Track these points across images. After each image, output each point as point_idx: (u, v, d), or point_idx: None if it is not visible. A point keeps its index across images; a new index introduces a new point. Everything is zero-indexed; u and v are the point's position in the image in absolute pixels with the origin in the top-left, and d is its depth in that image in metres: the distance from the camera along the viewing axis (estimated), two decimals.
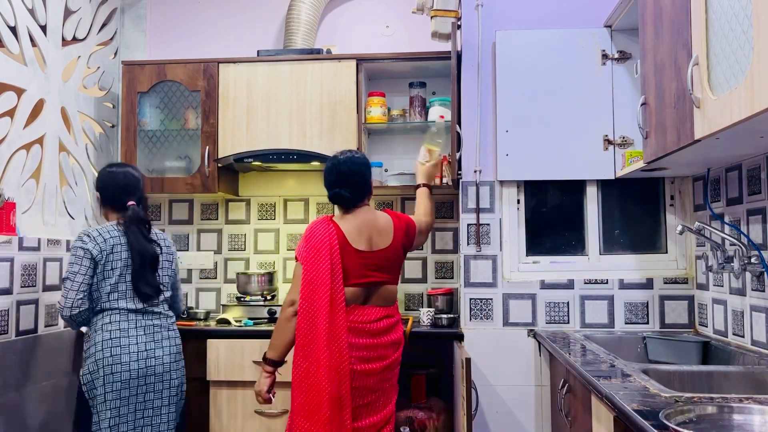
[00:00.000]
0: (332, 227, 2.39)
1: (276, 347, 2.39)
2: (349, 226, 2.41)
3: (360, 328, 2.35)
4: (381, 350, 2.38)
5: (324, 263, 2.32)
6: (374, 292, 2.42)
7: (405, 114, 3.33)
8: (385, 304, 2.44)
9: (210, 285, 3.61)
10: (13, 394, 2.62)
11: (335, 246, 2.35)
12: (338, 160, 2.47)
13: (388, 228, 2.47)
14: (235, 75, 3.27)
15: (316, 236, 2.37)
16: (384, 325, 2.40)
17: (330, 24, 3.64)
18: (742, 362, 2.15)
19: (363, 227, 2.42)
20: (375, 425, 2.36)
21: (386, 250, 2.43)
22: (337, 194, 2.45)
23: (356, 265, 2.37)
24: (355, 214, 2.45)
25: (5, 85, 2.72)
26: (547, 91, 2.85)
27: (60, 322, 2.91)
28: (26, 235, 2.75)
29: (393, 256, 2.46)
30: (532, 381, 2.80)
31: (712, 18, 1.69)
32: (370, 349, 2.35)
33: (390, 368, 2.42)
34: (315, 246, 2.35)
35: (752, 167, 2.20)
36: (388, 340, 2.41)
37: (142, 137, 3.36)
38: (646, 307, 2.79)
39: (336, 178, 2.45)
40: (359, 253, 2.38)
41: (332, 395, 2.24)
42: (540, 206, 2.95)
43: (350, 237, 2.39)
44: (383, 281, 2.43)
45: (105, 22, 3.48)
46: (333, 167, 2.47)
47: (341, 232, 2.39)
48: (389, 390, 2.44)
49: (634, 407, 1.44)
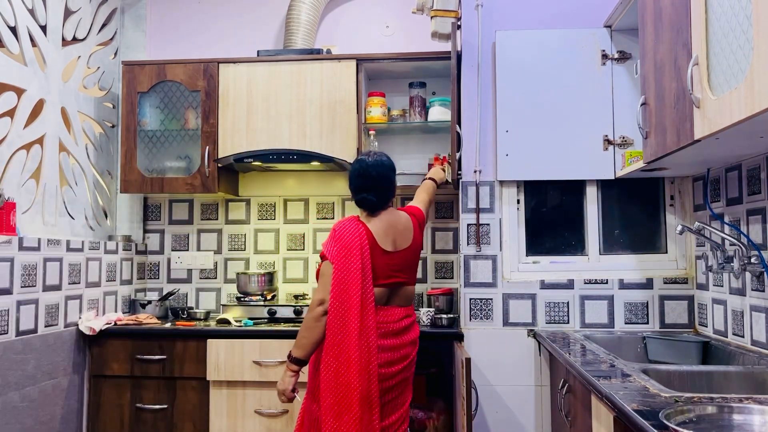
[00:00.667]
0: (362, 227, 2.39)
1: (303, 346, 2.35)
2: (376, 227, 2.41)
3: (385, 329, 2.36)
4: (403, 350, 2.41)
5: (355, 263, 2.31)
6: (396, 293, 2.44)
7: (405, 114, 3.33)
8: (405, 303, 2.47)
9: (210, 285, 3.61)
10: (13, 394, 2.62)
11: (366, 246, 2.35)
12: (366, 163, 2.46)
13: (409, 228, 2.49)
14: (235, 75, 3.27)
15: (347, 236, 2.35)
16: (405, 324, 2.44)
17: (330, 24, 3.64)
18: (742, 362, 2.15)
19: (388, 228, 2.44)
20: (395, 423, 2.39)
21: (408, 250, 2.46)
22: (363, 199, 2.45)
23: (383, 265, 2.38)
24: (380, 216, 2.46)
25: (5, 85, 2.72)
26: (547, 91, 2.85)
27: (60, 321, 2.91)
28: (26, 235, 2.75)
29: (414, 256, 2.50)
30: (532, 381, 2.80)
31: (712, 18, 1.69)
32: (394, 349, 2.38)
33: (408, 367, 2.44)
34: (346, 245, 2.33)
35: (752, 167, 2.20)
36: (408, 339, 2.44)
37: (142, 137, 3.36)
38: (646, 307, 2.79)
39: (363, 182, 2.44)
40: (386, 254, 2.40)
41: (362, 395, 2.24)
42: (540, 206, 2.95)
43: (378, 237, 2.40)
44: (405, 282, 2.46)
45: (105, 22, 3.48)
46: (361, 171, 2.45)
47: (370, 233, 2.39)
48: (406, 389, 2.46)
49: (634, 407, 1.44)
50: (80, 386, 3.05)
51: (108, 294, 3.29)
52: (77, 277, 3.03)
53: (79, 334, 3.03)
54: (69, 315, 2.97)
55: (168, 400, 3.01)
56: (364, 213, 2.49)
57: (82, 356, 3.06)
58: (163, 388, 3.01)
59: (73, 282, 3.00)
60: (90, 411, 3.07)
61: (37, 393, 2.75)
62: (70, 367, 2.97)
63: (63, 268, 2.93)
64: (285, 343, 2.90)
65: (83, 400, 3.07)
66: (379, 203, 2.46)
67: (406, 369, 2.42)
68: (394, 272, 2.42)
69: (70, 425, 2.97)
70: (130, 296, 3.49)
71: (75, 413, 3.01)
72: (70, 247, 2.98)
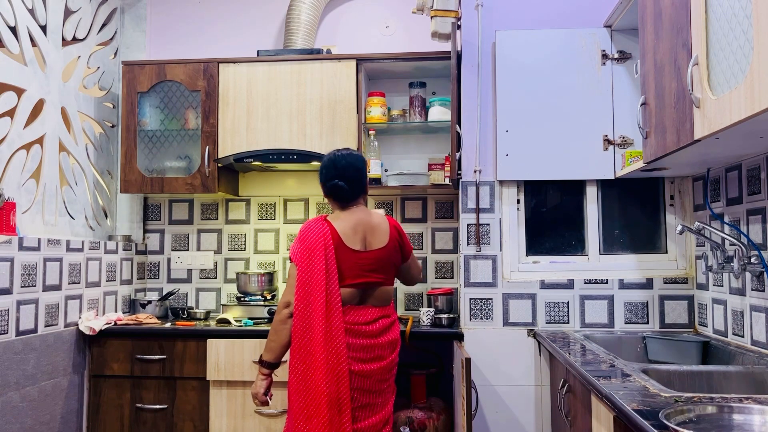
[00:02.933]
0: (326, 227, 2.36)
1: (272, 350, 2.37)
2: (343, 225, 2.38)
3: (356, 330, 2.33)
4: (378, 350, 2.36)
5: (319, 263, 2.29)
6: (370, 293, 2.40)
7: (405, 114, 3.33)
8: (380, 304, 2.42)
9: (210, 285, 3.61)
10: (13, 394, 2.62)
11: (330, 246, 2.32)
12: (336, 155, 2.45)
13: (383, 227, 2.44)
14: (235, 75, 3.27)
15: (311, 236, 2.33)
16: (380, 325, 2.39)
17: (330, 24, 3.65)
18: (742, 362, 2.15)
19: (358, 226, 2.39)
20: (374, 426, 2.35)
21: (382, 250, 2.41)
22: (334, 186, 2.41)
23: (352, 265, 2.35)
24: (351, 212, 2.42)
25: (5, 85, 2.72)
26: (547, 91, 2.85)
27: (60, 321, 2.91)
28: (26, 235, 2.75)
29: (388, 256, 2.43)
30: (532, 381, 2.80)
31: (712, 18, 1.69)
32: (367, 349, 2.34)
33: (388, 369, 2.40)
34: (309, 246, 2.32)
35: (752, 167, 2.20)
36: (385, 340, 2.39)
37: (142, 137, 3.36)
38: (646, 307, 2.79)
39: (334, 172, 2.41)
40: (355, 253, 2.36)
41: (331, 397, 2.23)
42: (540, 206, 2.95)
43: (345, 236, 2.36)
44: (379, 282, 2.41)
45: (105, 22, 3.48)
46: (330, 161, 2.44)
47: (336, 232, 2.35)
48: (387, 391, 2.42)
49: (634, 407, 1.44)
50: (80, 386, 3.05)
51: (108, 294, 3.29)
52: (77, 277, 3.03)
53: (79, 334, 3.03)
54: (69, 315, 2.97)
55: (168, 400, 3.01)
56: (334, 210, 2.46)
57: (82, 356, 3.06)
58: (163, 388, 3.01)
59: (73, 282, 3.00)
60: (90, 411, 3.07)
61: (37, 393, 2.75)
62: (70, 367, 2.97)
63: (63, 268, 2.93)
64: None
65: (83, 400, 3.07)
66: (351, 193, 2.42)
67: (385, 371, 2.38)
68: (365, 272, 2.36)
69: (70, 425, 2.97)
70: (130, 296, 3.49)
71: (75, 413, 3.01)
72: (70, 247, 2.99)
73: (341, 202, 2.44)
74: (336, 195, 2.43)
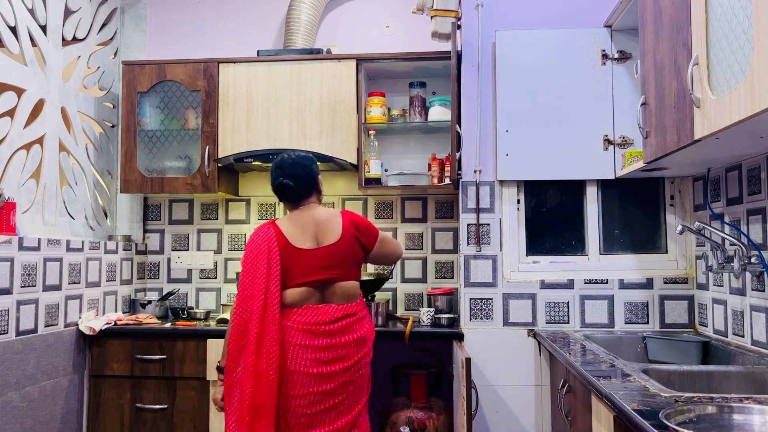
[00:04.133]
0: (272, 230, 2.34)
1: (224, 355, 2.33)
2: (290, 226, 2.36)
3: (314, 330, 2.27)
4: (341, 350, 2.29)
5: (261, 268, 2.27)
6: (330, 290, 2.34)
7: (405, 114, 3.33)
8: (344, 301, 2.35)
9: (210, 285, 3.61)
10: (13, 394, 2.62)
11: (274, 249, 2.30)
12: (282, 156, 2.44)
13: (333, 222, 2.38)
14: (235, 75, 3.27)
15: (255, 241, 2.33)
16: (344, 324, 2.32)
17: (330, 24, 3.65)
18: (742, 362, 2.15)
19: (307, 225, 2.36)
20: (342, 429, 2.27)
21: (334, 246, 2.34)
22: (281, 185, 2.38)
23: (301, 263, 2.31)
24: (300, 212, 2.40)
25: (5, 85, 2.72)
26: (547, 91, 2.85)
27: (60, 321, 2.91)
28: (26, 235, 2.75)
29: (343, 251, 2.36)
30: (532, 381, 2.80)
31: (712, 18, 1.69)
32: (327, 350, 2.27)
33: (354, 369, 2.32)
34: (253, 251, 2.31)
35: (752, 167, 2.20)
36: (349, 339, 2.31)
37: (142, 137, 3.37)
38: (646, 307, 2.79)
39: (280, 172, 2.40)
40: (304, 252, 2.32)
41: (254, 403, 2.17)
42: (540, 206, 2.95)
43: (292, 237, 2.33)
44: (335, 278, 2.34)
45: (105, 22, 3.48)
46: (276, 163, 2.43)
47: (281, 234, 2.33)
48: (354, 393, 2.33)
49: (634, 407, 1.44)
50: (80, 386, 3.05)
51: (108, 294, 3.29)
52: (77, 277, 3.03)
53: (79, 334, 3.03)
54: (69, 315, 2.97)
55: (168, 400, 3.01)
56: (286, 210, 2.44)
57: (82, 356, 3.06)
58: (163, 388, 3.01)
59: (73, 282, 3.00)
60: (90, 411, 3.07)
61: (37, 393, 2.75)
62: (70, 367, 2.97)
63: (63, 268, 2.93)
64: None
65: (83, 400, 3.07)
66: (299, 192, 2.39)
67: (350, 371, 2.30)
68: (318, 269, 2.31)
69: (70, 425, 2.97)
70: (130, 296, 3.49)
71: (75, 413, 3.01)
72: (70, 247, 2.99)
73: (289, 201, 2.43)
74: (283, 194, 2.41)
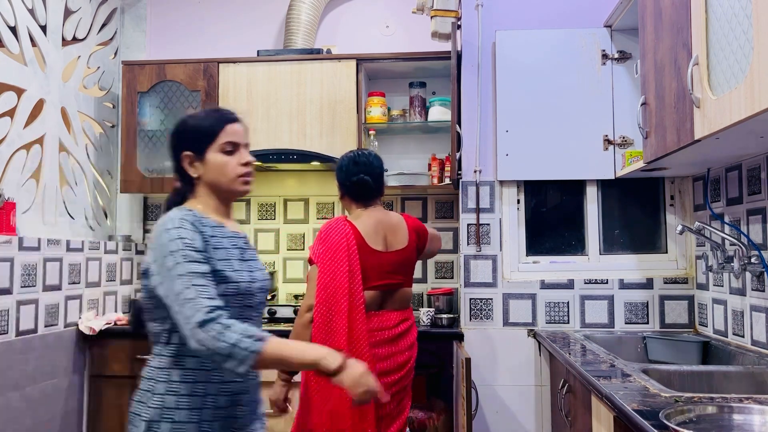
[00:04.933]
0: (348, 227, 2.25)
1: None
2: (365, 225, 2.27)
3: (379, 337, 2.22)
4: (400, 357, 2.26)
5: (342, 265, 2.17)
6: (390, 296, 2.30)
7: (405, 114, 3.33)
8: (401, 307, 2.33)
9: None
10: (13, 394, 2.62)
11: (353, 246, 2.21)
12: (356, 152, 2.38)
13: (402, 227, 2.36)
14: (235, 75, 3.27)
15: (333, 236, 2.22)
16: (402, 329, 2.30)
17: (330, 24, 3.64)
18: (742, 362, 2.15)
19: (378, 226, 2.30)
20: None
21: (403, 252, 2.32)
22: (361, 180, 2.30)
23: (374, 266, 2.24)
24: (369, 212, 2.33)
25: (5, 85, 2.72)
26: (547, 91, 2.85)
27: (60, 321, 2.91)
28: (26, 235, 2.75)
29: (409, 257, 2.35)
30: (532, 381, 2.80)
31: (712, 18, 1.69)
32: (389, 358, 2.23)
33: (408, 374, 2.31)
34: (332, 247, 2.20)
35: (752, 167, 2.20)
36: (405, 344, 2.30)
37: (142, 137, 3.36)
38: (646, 307, 2.79)
39: (357, 168, 2.32)
40: (377, 254, 2.26)
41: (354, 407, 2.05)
42: (540, 206, 2.95)
43: (367, 236, 2.26)
44: (401, 284, 2.32)
45: (105, 22, 3.48)
46: (351, 159, 2.35)
47: (358, 232, 2.25)
48: (405, 396, 2.32)
49: (634, 407, 1.44)
50: (80, 386, 3.04)
51: (108, 294, 3.29)
52: (77, 277, 3.03)
53: (79, 334, 3.03)
54: (69, 315, 2.97)
55: None
56: (354, 210, 2.36)
57: (82, 356, 3.06)
58: None
59: (73, 282, 3.00)
60: (90, 411, 3.06)
61: (37, 393, 2.75)
62: (70, 367, 2.97)
63: (63, 268, 2.93)
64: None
65: (83, 400, 3.07)
66: (376, 189, 2.35)
67: (405, 377, 2.29)
68: (387, 273, 2.27)
69: (70, 425, 2.97)
70: (130, 296, 3.49)
71: (75, 413, 3.01)
72: (70, 247, 2.98)
73: (364, 199, 2.34)
74: (360, 191, 2.33)
